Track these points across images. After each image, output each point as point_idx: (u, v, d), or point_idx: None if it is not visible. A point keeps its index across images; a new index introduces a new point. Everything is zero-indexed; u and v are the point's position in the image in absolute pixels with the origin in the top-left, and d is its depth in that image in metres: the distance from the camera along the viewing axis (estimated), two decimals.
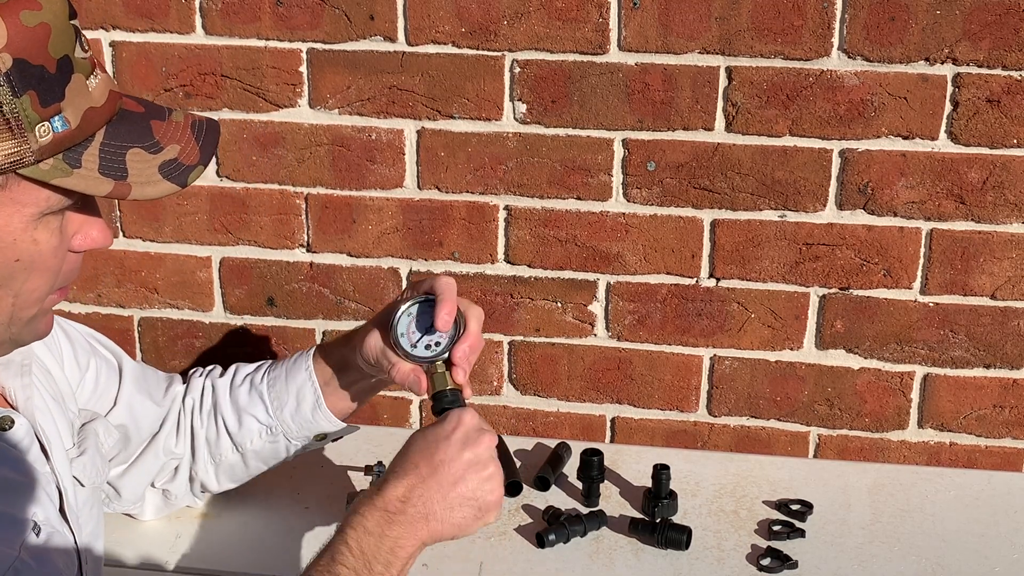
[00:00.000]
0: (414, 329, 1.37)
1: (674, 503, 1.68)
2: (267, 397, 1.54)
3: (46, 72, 1.01)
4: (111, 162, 1.06)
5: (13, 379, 1.24)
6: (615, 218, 1.87)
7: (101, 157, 1.06)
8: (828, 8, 1.71)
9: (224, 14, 1.85)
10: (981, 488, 1.77)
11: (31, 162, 1.01)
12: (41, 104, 1.00)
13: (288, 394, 1.53)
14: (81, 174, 1.04)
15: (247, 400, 1.55)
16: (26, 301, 1.10)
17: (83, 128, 1.04)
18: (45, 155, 1.02)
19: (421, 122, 1.87)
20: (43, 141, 1.01)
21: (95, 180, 1.05)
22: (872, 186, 1.80)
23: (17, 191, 1.03)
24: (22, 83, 0.99)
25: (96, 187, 1.05)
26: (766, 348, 1.91)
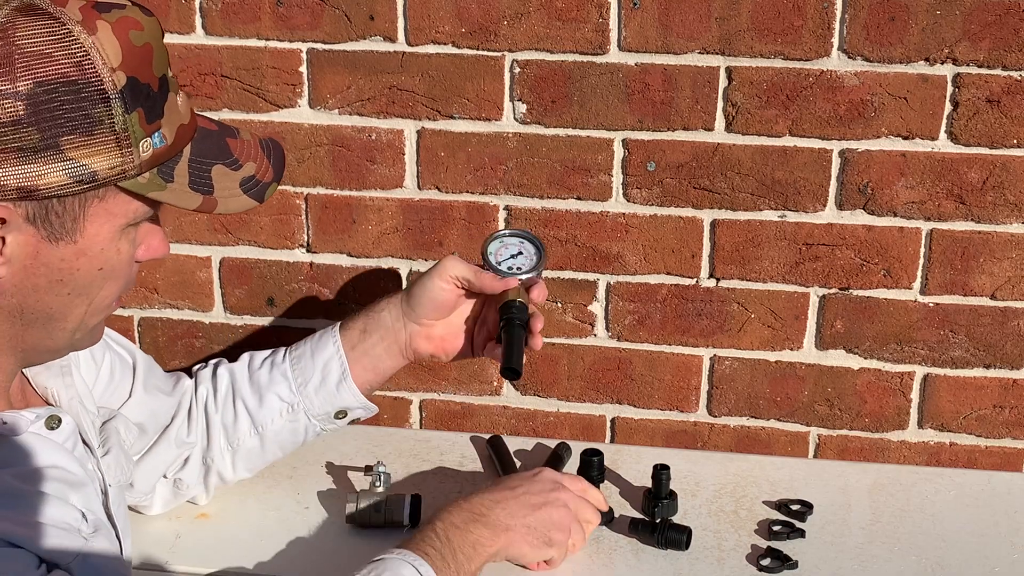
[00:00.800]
0: (503, 253, 1.56)
1: (674, 503, 1.68)
2: (291, 374, 1.56)
3: (151, 90, 1.07)
4: (199, 177, 1.13)
5: (54, 379, 1.28)
6: (615, 218, 1.87)
7: (190, 172, 1.12)
8: (828, 8, 1.71)
9: (224, 14, 1.85)
10: (981, 488, 1.77)
11: (133, 175, 1.07)
12: (147, 121, 1.06)
13: (314, 369, 1.55)
14: (173, 188, 1.10)
15: (268, 379, 1.56)
16: (97, 308, 1.15)
17: (176, 144, 1.10)
18: (144, 169, 1.07)
19: (421, 122, 1.87)
20: (144, 156, 1.07)
21: (186, 194, 1.11)
22: (872, 186, 1.80)
23: (113, 203, 1.08)
24: (133, 100, 1.04)
25: (187, 201, 1.12)
26: (766, 348, 1.91)
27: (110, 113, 1.03)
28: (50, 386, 1.27)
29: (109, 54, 1.02)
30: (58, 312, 1.12)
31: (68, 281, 1.10)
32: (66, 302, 1.11)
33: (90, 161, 1.03)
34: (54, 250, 1.07)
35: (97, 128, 1.03)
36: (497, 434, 1.89)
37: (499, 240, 1.57)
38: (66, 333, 1.15)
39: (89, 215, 1.07)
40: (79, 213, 1.06)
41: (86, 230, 1.08)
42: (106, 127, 1.03)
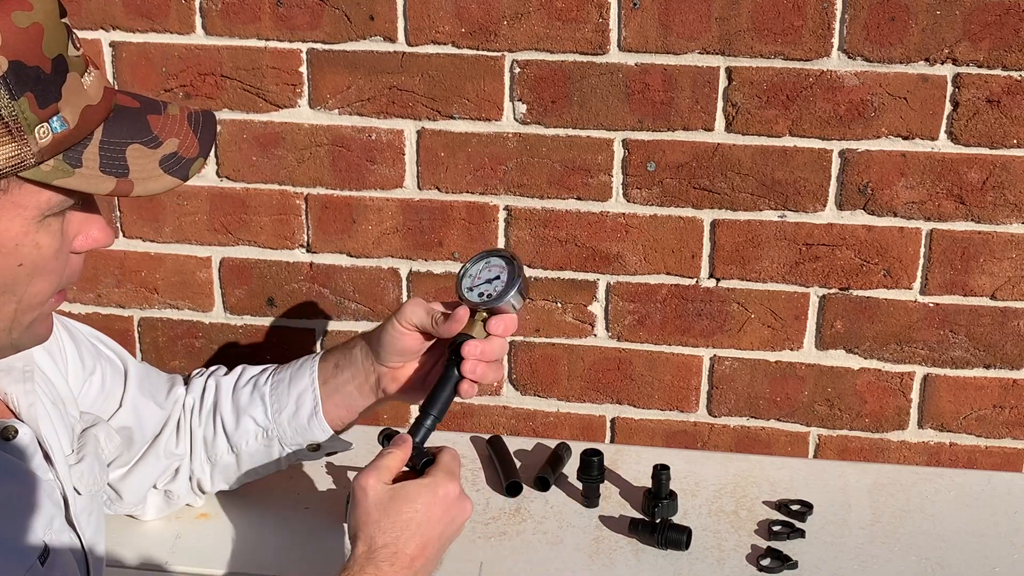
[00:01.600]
0: (480, 276, 1.41)
1: (674, 503, 1.68)
2: (268, 399, 1.53)
3: (42, 73, 1.00)
4: (112, 159, 1.06)
5: (15, 385, 1.23)
6: (615, 218, 1.87)
7: (101, 155, 1.05)
8: (828, 8, 1.71)
9: (224, 14, 1.85)
10: (981, 488, 1.77)
11: (32, 164, 1.00)
12: (39, 106, 1.00)
13: (289, 398, 1.53)
14: (82, 173, 1.04)
15: (248, 400, 1.55)
16: (29, 305, 1.09)
17: (81, 127, 1.04)
18: (46, 156, 1.01)
19: (421, 122, 1.87)
20: (43, 143, 1.00)
21: (97, 179, 1.05)
22: (872, 186, 1.80)
23: (18, 194, 1.02)
24: (19, 85, 0.98)
25: (98, 185, 1.05)
26: (766, 348, 1.91)
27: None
28: (10, 392, 1.22)
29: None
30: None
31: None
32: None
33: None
34: None
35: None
36: (497, 434, 1.89)
37: (483, 262, 1.43)
38: (3, 333, 1.09)
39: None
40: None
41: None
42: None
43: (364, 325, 2.00)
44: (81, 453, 1.34)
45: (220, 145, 1.93)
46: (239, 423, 1.54)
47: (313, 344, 2.03)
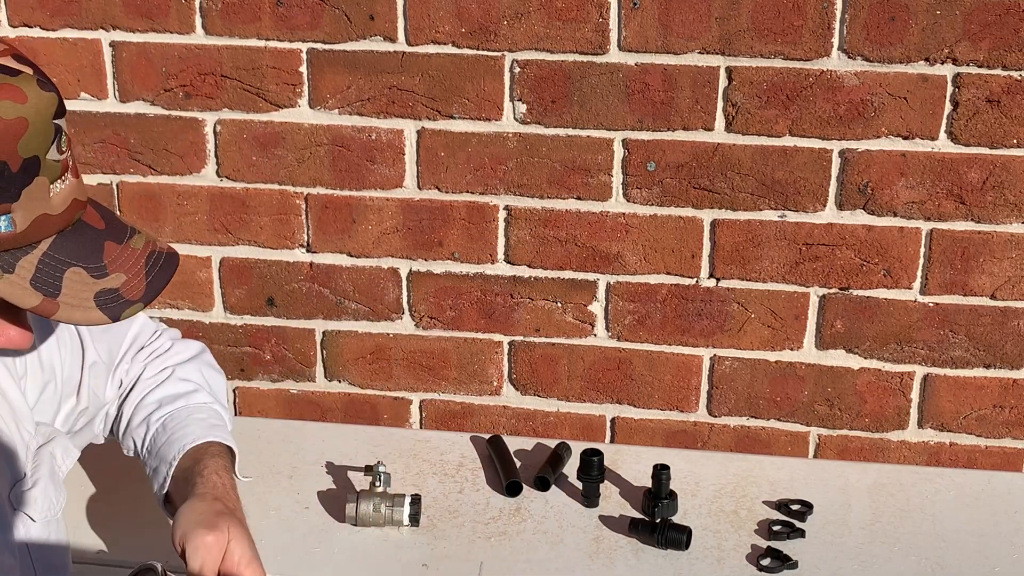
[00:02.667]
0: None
1: (674, 503, 1.68)
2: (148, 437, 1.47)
3: (7, 169, 0.97)
4: (47, 276, 1.02)
5: None
6: (615, 218, 1.87)
7: (39, 268, 1.02)
8: (828, 8, 1.71)
9: (224, 14, 1.85)
10: (981, 488, 1.77)
11: None
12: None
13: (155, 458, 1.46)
14: (11, 280, 1.00)
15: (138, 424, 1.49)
16: None
17: (29, 234, 1.00)
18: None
19: (421, 122, 1.87)
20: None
21: (23, 290, 1.01)
22: (872, 186, 1.80)
23: None
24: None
25: (22, 298, 1.01)
26: (766, 348, 1.91)
27: None
28: None
29: None
30: None
31: None
32: None
33: None
34: None
35: None
36: (497, 434, 1.89)
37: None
38: None
39: None
40: None
41: None
42: None
43: (364, 325, 2.00)
44: (35, 476, 1.28)
45: (220, 145, 1.93)
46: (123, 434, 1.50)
47: (313, 344, 2.03)
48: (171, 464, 1.40)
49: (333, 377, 2.06)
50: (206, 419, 1.47)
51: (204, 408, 1.50)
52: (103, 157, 1.97)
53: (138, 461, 1.52)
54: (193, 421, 1.46)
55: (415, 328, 1.99)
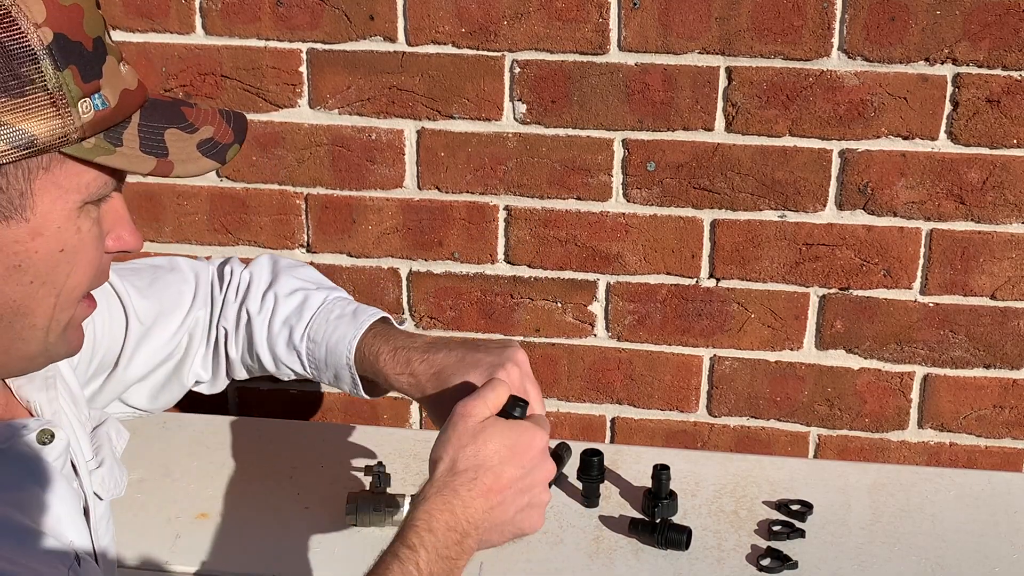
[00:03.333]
0: None
1: (674, 503, 1.68)
2: (304, 358, 1.46)
3: (84, 49, 1.00)
4: (151, 141, 1.06)
5: (38, 393, 1.21)
6: (615, 218, 1.87)
7: (141, 136, 1.05)
8: (828, 8, 1.71)
9: (224, 14, 1.85)
10: (981, 488, 1.77)
11: (75, 140, 1.00)
12: (83, 79, 0.99)
13: (327, 369, 1.44)
14: (123, 152, 1.03)
15: (285, 353, 1.47)
16: (67, 300, 1.07)
17: (121, 108, 1.04)
18: (87, 133, 1.00)
19: (421, 122, 1.87)
20: (86, 118, 1.00)
21: (138, 158, 1.04)
22: (872, 186, 1.80)
23: (60, 174, 1.01)
24: (64, 57, 0.98)
25: (140, 165, 1.04)
26: (766, 348, 1.91)
27: (39, 70, 0.96)
28: (33, 399, 1.20)
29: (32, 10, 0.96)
30: (23, 305, 1.05)
31: (27, 267, 1.03)
32: (29, 292, 1.04)
33: (26, 125, 0.97)
34: (6, 231, 1.00)
35: (28, 88, 0.96)
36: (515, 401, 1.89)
37: None
38: (38, 332, 1.07)
39: (37, 188, 1.00)
40: (25, 187, 0.99)
41: (37, 207, 1.00)
42: (37, 86, 0.96)
43: None
44: (100, 456, 1.31)
45: None
46: (279, 368, 1.48)
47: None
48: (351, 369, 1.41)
49: None
50: (341, 313, 1.45)
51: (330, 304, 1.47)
52: None
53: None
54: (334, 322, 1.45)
55: (415, 328, 1.99)
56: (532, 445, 1.21)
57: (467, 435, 1.19)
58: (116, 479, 1.32)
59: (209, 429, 1.92)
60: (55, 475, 1.15)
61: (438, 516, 1.15)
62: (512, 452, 1.20)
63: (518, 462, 1.20)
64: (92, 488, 1.26)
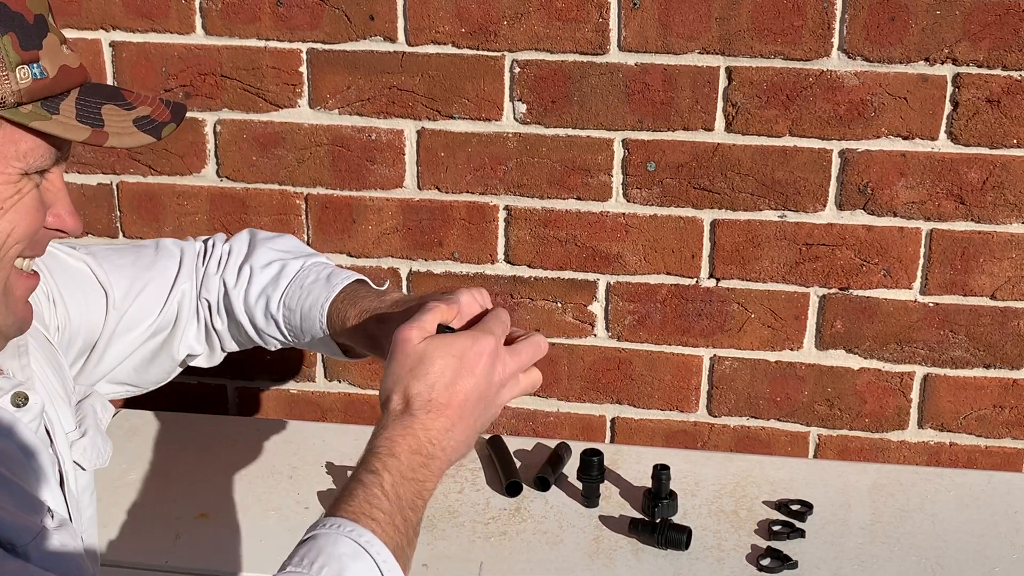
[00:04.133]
0: None
1: (674, 503, 1.68)
2: (283, 326, 1.45)
3: (24, 20, 1.03)
4: (88, 112, 1.08)
5: (9, 360, 1.22)
6: (615, 218, 1.87)
7: (78, 107, 1.08)
8: (828, 8, 1.71)
9: (224, 14, 1.85)
10: (981, 488, 1.77)
11: (12, 104, 1.03)
12: (21, 47, 1.02)
13: (305, 335, 1.44)
14: (59, 120, 1.06)
15: (264, 323, 1.46)
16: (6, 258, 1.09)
17: (59, 80, 1.06)
18: (24, 99, 1.03)
19: (421, 122, 1.87)
20: (23, 84, 1.03)
21: (73, 126, 1.07)
22: (872, 186, 1.80)
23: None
24: (2, 24, 1.01)
25: (75, 132, 1.07)
26: (766, 348, 1.91)
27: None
28: (6, 367, 1.21)
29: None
30: None
31: None
32: None
33: None
34: None
35: None
36: (497, 434, 1.89)
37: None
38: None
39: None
40: None
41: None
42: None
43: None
44: (83, 427, 1.32)
45: (220, 145, 1.93)
46: (261, 337, 1.47)
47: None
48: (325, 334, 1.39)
49: (333, 377, 2.06)
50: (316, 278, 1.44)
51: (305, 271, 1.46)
52: (103, 157, 1.97)
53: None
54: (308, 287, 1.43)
55: None
56: (480, 351, 1.17)
57: (410, 360, 1.15)
58: (99, 449, 1.32)
59: (209, 429, 1.92)
60: (29, 436, 1.15)
61: (400, 441, 1.11)
62: (460, 364, 1.16)
63: (468, 372, 1.16)
64: (73, 457, 1.27)
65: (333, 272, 1.43)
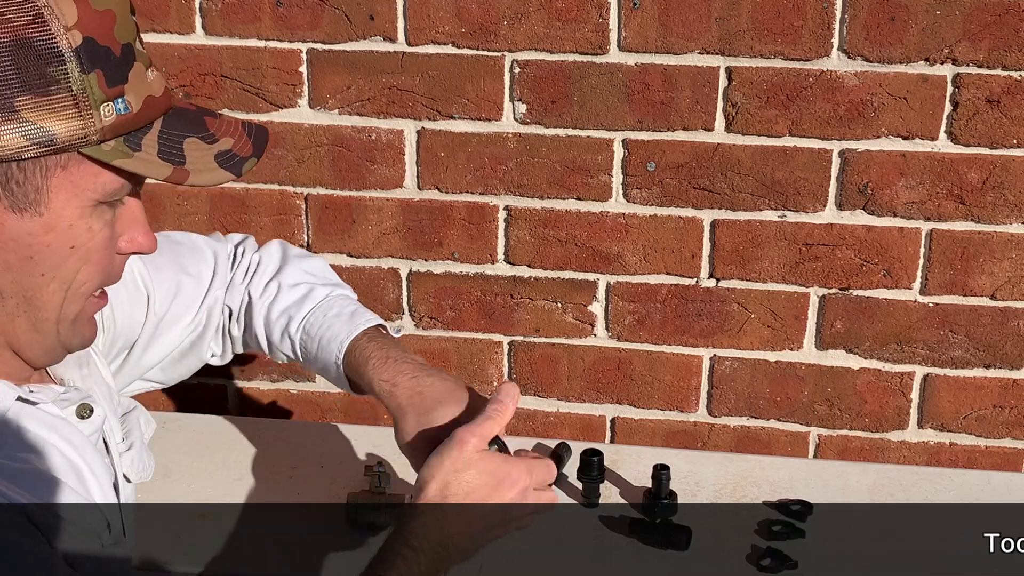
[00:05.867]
0: None
1: (674, 503, 1.67)
2: (297, 347, 1.50)
3: (112, 54, 1.03)
4: (170, 148, 1.08)
5: (71, 371, 1.24)
6: (615, 218, 1.87)
7: (160, 143, 1.08)
8: (828, 8, 1.71)
9: (224, 14, 1.85)
10: (981, 488, 1.77)
11: (95, 142, 1.02)
12: (108, 84, 1.02)
13: (316, 362, 1.48)
14: (141, 157, 1.06)
15: (279, 340, 1.51)
16: (75, 294, 1.10)
17: (143, 114, 1.06)
18: (107, 136, 1.03)
19: (421, 122, 1.87)
20: (107, 121, 1.02)
21: (155, 164, 1.07)
22: (872, 186, 1.80)
23: (77, 173, 1.04)
24: (90, 61, 1.00)
25: (156, 171, 1.07)
26: (766, 348, 1.91)
27: (65, 72, 0.99)
28: (67, 377, 1.23)
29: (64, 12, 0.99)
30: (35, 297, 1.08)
31: (39, 260, 1.06)
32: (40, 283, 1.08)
33: (47, 124, 1.00)
34: (20, 223, 1.03)
35: (53, 88, 0.99)
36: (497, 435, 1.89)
37: None
38: (50, 325, 1.10)
39: (53, 185, 1.03)
40: (42, 183, 1.02)
41: (51, 202, 1.03)
42: (62, 87, 0.99)
43: None
44: (129, 440, 1.34)
45: None
46: (273, 352, 1.51)
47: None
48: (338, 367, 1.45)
49: None
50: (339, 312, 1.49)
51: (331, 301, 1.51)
52: None
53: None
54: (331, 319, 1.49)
55: (415, 328, 1.99)
56: (516, 483, 1.31)
57: (458, 463, 1.28)
58: (144, 463, 1.36)
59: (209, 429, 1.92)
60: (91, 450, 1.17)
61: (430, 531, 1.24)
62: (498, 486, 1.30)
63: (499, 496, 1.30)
64: (122, 469, 1.29)
65: (358, 310, 1.49)
